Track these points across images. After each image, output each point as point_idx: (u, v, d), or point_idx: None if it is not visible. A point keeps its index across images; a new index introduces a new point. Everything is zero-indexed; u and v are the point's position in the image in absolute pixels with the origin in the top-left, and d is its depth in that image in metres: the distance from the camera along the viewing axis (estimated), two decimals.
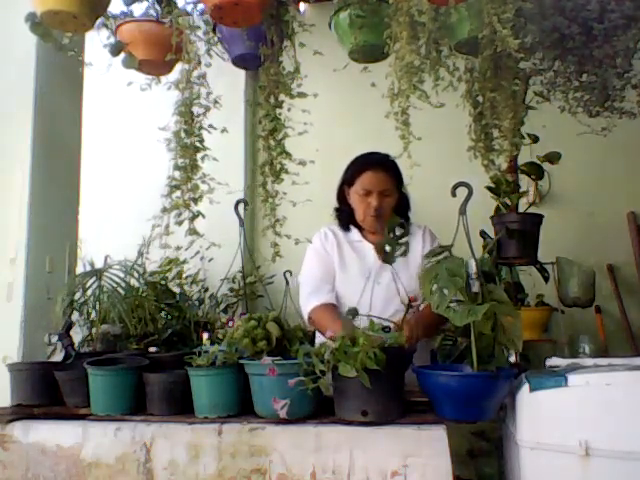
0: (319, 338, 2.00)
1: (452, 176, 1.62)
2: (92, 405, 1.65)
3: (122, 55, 1.94)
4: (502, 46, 1.61)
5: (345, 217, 2.22)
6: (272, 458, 1.44)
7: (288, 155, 2.04)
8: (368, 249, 2.17)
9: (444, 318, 1.46)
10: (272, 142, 2.04)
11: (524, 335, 1.48)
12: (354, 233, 2.21)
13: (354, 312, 1.75)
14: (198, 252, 1.99)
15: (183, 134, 1.85)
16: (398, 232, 1.94)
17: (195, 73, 1.88)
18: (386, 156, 2.14)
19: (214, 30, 1.98)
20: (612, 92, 1.83)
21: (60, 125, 2.19)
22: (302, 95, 1.99)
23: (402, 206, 2.18)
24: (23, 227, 2.00)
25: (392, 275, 2.06)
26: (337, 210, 2.25)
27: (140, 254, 2.05)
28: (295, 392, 1.41)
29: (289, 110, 2.04)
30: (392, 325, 1.75)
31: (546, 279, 2.43)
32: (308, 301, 2.09)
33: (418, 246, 2.15)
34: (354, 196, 2.15)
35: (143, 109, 3.19)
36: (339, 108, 3.76)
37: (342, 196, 2.22)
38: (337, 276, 2.15)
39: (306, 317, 2.07)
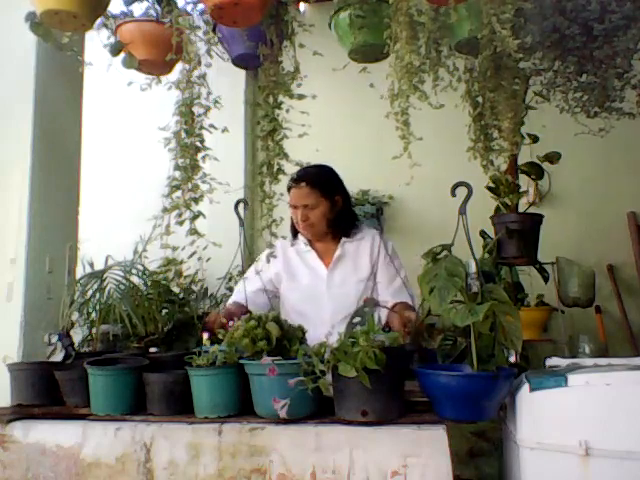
0: None
1: (452, 176, 1.62)
2: (92, 405, 1.65)
3: (122, 55, 1.93)
4: (502, 46, 1.62)
5: (293, 228, 2.34)
6: (272, 458, 1.44)
7: (285, 156, 2.05)
8: (313, 257, 2.29)
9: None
10: (270, 143, 2.05)
11: (524, 335, 1.48)
12: (301, 243, 2.33)
13: (372, 303, 1.77)
14: (195, 252, 1.98)
15: (184, 134, 1.85)
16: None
17: (195, 73, 1.87)
18: (312, 170, 2.24)
19: (214, 30, 1.98)
20: (612, 92, 1.83)
21: (60, 125, 2.19)
22: (301, 97, 2.00)
23: (339, 211, 2.26)
24: (23, 227, 2.00)
25: (342, 280, 2.20)
26: (291, 221, 2.36)
27: (136, 253, 2.05)
28: (295, 392, 1.41)
29: (287, 112, 2.05)
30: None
31: (546, 279, 2.43)
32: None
33: (367, 250, 2.25)
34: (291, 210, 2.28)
35: (143, 109, 3.19)
36: (339, 108, 3.76)
37: None
38: (285, 285, 2.28)
39: None
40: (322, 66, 2.13)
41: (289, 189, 2.24)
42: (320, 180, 2.23)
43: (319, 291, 2.21)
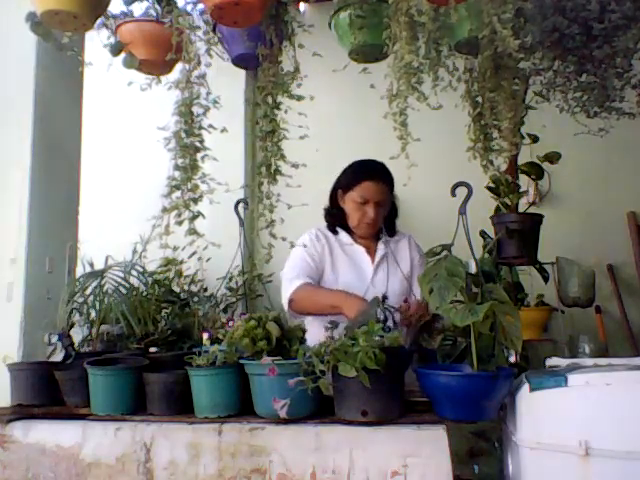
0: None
1: (452, 176, 1.62)
2: (92, 405, 1.65)
3: (122, 55, 1.93)
4: (502, 46, 1.61)
5: (335, 220, 2.25)
6: (272, 458, 1.44)
7: (283, 157, 2.04)
8: (360, 252, 2.22)
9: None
10: (269, 143, 2.05)
11: (524, 335, 1.47)
12: (343, 236, 2.24)
13: (377, 302, 1.77)
14: (195, 252, 1.98)
15: (183, 134, 1.85)
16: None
17: (195, 73, 1.87)
18: (383, 166, 2.19)
19: (214, 30, 1.98)
20: (611, 92, 1.83)
21: (60, 125, 2.19)
22: (300, 98, 2.00)
23: (391, 214, 2.26)
24: (23, 227, 2.00)
25: (385, 277, 2.14)
26: (328, 212, 2.29)
27: (136, 253, 2.05)
28: (295, 392, 1.41)
29: (286, 112, 2.05)
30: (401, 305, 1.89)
31: (546, 279, 2.42)
32: (291, 284, 2.07)
33: (406, 251, 2.25)
34: (350, 203, 2.19)
35: (143, 109, 3.19)
36: (339, 108, 3.76)
37: (335, 199, 2.25)
38: (327, 278, 2.17)
39: (287, 302, 2.06)
40: (322, 66, 2.13)
41: (357, 182, 2.15)
42: (391, 177, 2.18)
43: (363, 287, 2.12)
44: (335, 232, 2.25)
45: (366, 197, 2.13)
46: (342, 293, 1.98)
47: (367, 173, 2.15)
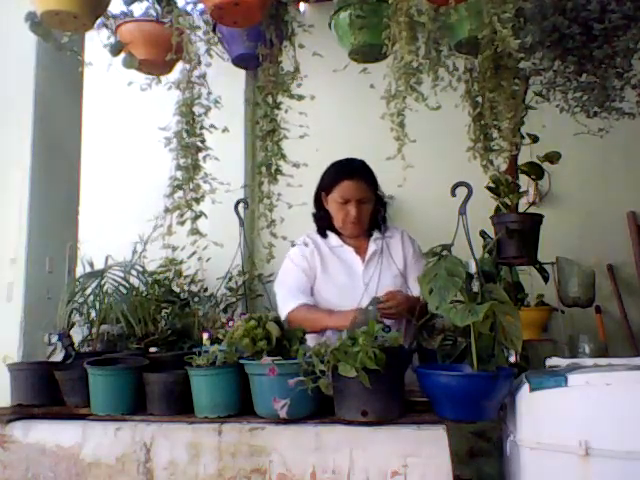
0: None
1: (452, 176, 1.62)
2: (92, 405, 1.65)
3: (122, 55, 1.93)
4: (502, 46, 1.61)
5: (323, 223, 2.26)
6: (272, 458, 1.44)
7: (283, 157, 2.05)
8: (349, 252, 2.22)
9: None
10: (269, 143, 2.05)
11: (524, 335, 1.47)
12: (333, 238, 2.24)
13: (376, 301, 1.78)
14: (195, 252, 1.99)
15: (185, 134, 1.85)
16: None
17: (195, 73, 1.88)
18: (362, 163, 2.20)
19: (214, 30, 1.98)
20: (612, 92, 1.83)
21: (60, 125, 2.19)
22: (301, 97, 2.00)
23: (378, 210, 2.24)
24: (23, 227, 2.00)
25: (378, 276, 2.12)
26: (315, 216, 2.29)
27: (136, 253, 2.05)
28: (295, 392, 1.41)
29: (286, 112, 2.05)
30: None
31: (546, 279, 2.42)
32: (285, 304, 2.10)
33: (399, 246, 2.23)
34: (332, 204, 2.19)
35: (143, 109, 3.19)
36: (339, 108, 3.76)
37: (319, 202, 2.26)
38: (320, 282, 2.18)
39: (284, 320, 2.05)
40: (322, 66, 2.13)
41: (335, 183, 2.15)
42: (371, 174, 2.19)
43: (356, 287, 2.12)
44: (325, 235, 2.26)
45: (346, 196, 2.14)
46: (326, 313, 2.03)
47: (345, 172, 2.16)
